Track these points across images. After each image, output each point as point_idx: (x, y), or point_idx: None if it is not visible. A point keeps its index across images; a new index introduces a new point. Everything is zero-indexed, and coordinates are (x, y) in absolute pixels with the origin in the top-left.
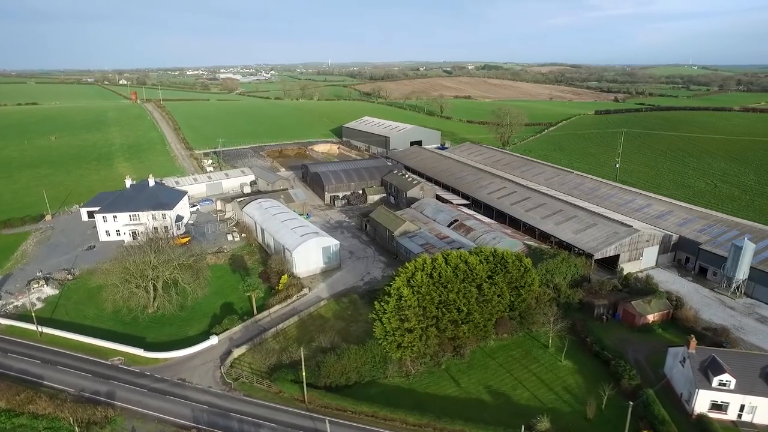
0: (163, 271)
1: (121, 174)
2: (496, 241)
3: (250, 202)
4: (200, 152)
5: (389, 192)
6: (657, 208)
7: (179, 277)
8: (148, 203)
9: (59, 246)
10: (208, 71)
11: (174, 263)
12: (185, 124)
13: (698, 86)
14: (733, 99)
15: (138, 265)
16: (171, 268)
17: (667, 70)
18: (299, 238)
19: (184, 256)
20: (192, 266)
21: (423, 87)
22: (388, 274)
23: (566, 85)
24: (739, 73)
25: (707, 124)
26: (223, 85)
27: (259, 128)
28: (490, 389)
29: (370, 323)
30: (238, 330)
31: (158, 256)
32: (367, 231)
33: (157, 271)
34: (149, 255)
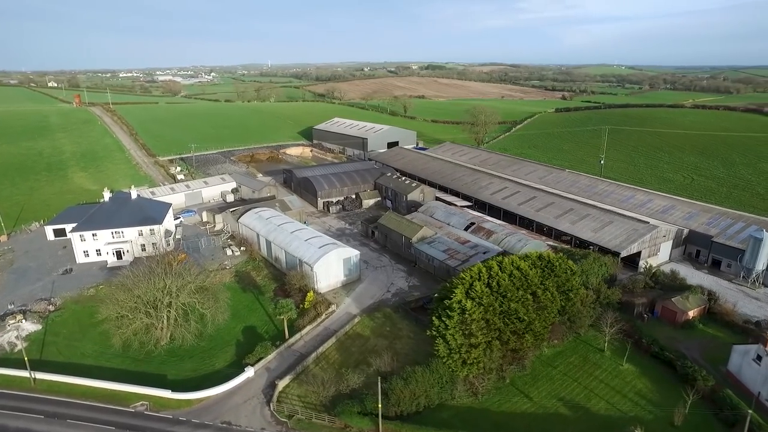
0: (178, 296)
1: (79, 185)
2: (522, 243)
3: (246, 212)
4: (165, 159)
5: (385, 196)
6: (659, 203)
7: (196, 301)
8: (132, 218)
9: (28, 271)
10: (143, 73)
11: (190, 286)
12: (142, 129)
13: (631, 85)
14: (663, 96)
15: (151, 292)
16: (188, 292)
17: (599, 69)
18: (318, 251)
19: (201, 276)
20: (209, 288)
21: (376, 87)
22: (413, 283)
23: (511, 83)
24: (661, 73)
25: (667, 120)
26: (164, 87)
27: (224, 132)
28: (563, 401)
29: (414, 339)
30: (273, 358)
31: (175, 279)
32: (375, 238)
33: (172, 297)
34: (164, 278)
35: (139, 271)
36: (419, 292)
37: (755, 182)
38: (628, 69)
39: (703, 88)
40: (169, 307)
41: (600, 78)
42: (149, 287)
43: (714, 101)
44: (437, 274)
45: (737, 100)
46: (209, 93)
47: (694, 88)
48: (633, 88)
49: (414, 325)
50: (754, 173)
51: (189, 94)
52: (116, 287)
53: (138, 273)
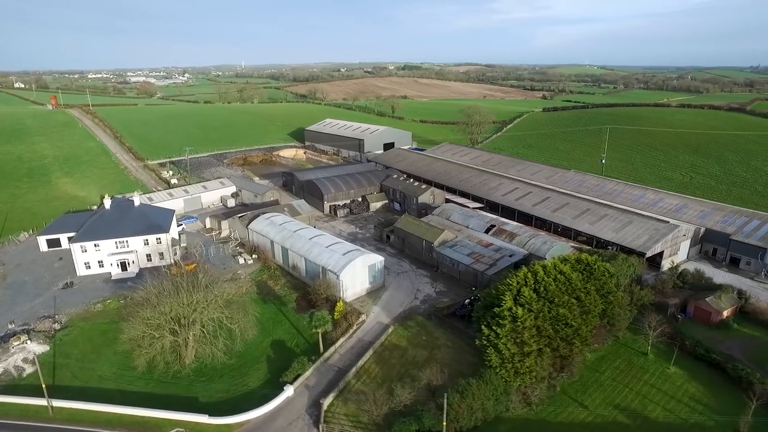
0: (205, 311)
1: (65, 191)
2: (547, 246)
3: (256, 218)
4: (154, 162)
5: (392, 198)
6: (670, 202)
7: (224, 316)
8: (137, 226)
9: (24, 286)
10: (113, 74)
11: (219, 300)
12: (126, 131)
13: (606, 84)
14: (639, 96)
15: (179, 308)
16: (217, 306)
17: (572, 69)
18: (343, 258)
19: (228, 289)
20: (236, 301)
21: (357, 88)
22: (439, 289)
23: (489, 83)
24: (632, 73)
25: (656, 119)
26: (139, 89)
27: (212, 134)
28: (619, 408)
29: (453, 348)
30: (310, 374)
31: (203, 292)
32: (390, 242)
33: (200, 313)
34: (191, 292)
35: (162, 285)
36: (448, 298)
37: (751, 179)
38: (599, 69)
39: (674, 87)
40: (196, 324)
41: (575, 78)
42: (176, 302)
43: (688, 100)
44: (463, 278)
45: (708, 99)
46: (186, 94)
47: (665, 87)
48: (608, 87)
49: (450, 333)
50: (748, 170)
51: (166, 96)
52: (138, 303)
53: (162, 287)
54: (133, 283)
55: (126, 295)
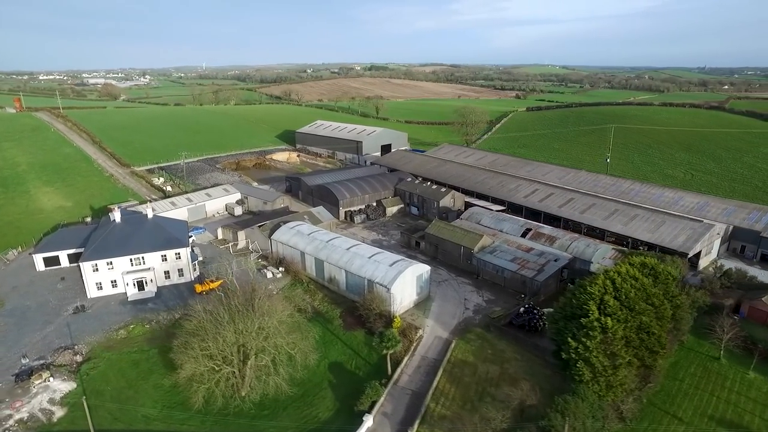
0: (270, 337)
1: (48, 202)
2: (592, 249)
3: (279, 228)
4: (141, 169)
5: (409, 202)
6: (691, 200)
7: (283, 341)
8: (153, 241)
9: (28, 313)
10: (67, 76)
11: (281, 324)
12: (105, 136)
13: (573, 84)
14: (605, 95)
15: (244, 336)
16: (280, 331)
17: (536, 69)
18: (391, 269)
19: (280, 309)
20: (294, 322)
21: (330, 88)
22: (488, 298)
23: (457, 83)
24: (593, 73)
25: (643, 117)
26: (101, 91)
27: (198, 138)
28: (716, 419)
29: (522, 361)
30: (384, 400)
31: (263, 315)
32: (421, 249)
33: (263, 340)
34: (253, 317)
35: (218, 310)
36: (499, 307)
37: (749, 176)
38: (561, 69)
39: (636, 86)
40: (260, 353)
41: (541, 77)
42: (239, 330)
43: (652, 98)
44: (508, 285)
45: (670, 97)
46: (153, 96)
47: (629, 86)
48: (575, 87)
49: (515, 345)
50: (743, 167)
51: (131, 98)
52: (193, 333)
53: (218, 312)
54: (154, 304)
55: (150, 319)
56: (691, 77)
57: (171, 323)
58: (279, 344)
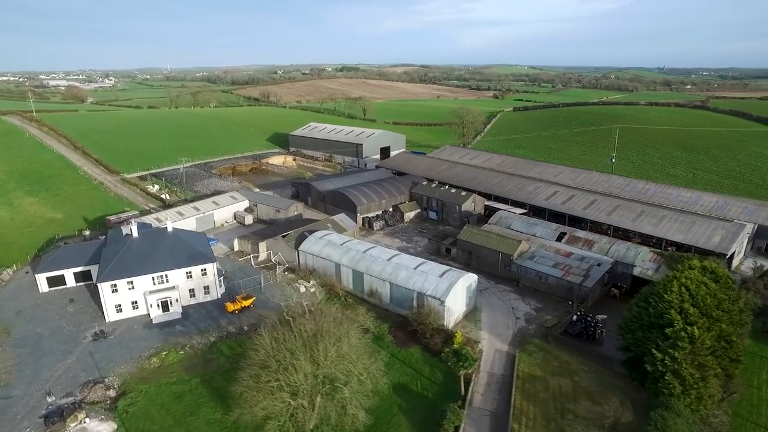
0: (347, 364)
1: (35, 214)
2: (633, 252)
3: (307, 239)
4: (132, 176)
5: (427, 207)
6: (709, 200)
7: (355, 367)
8: (177, 256)
9: (41, 342)
10: (23, 77)
11: (354, 348)
12: (87, 141)
13: (545, 83)
14: (579, 94)
15: (322, 366)
16: (355, 356)
17: (505, 69)
18: (442, 281)
19: (352, 331)
20: (363, 345)
21: (308, 89)
22: (535, 306)
23: (431, 83)
24: (561, 73)
25: (633, 117)
26: (66, 93)
27: (187, 142)
28: None
29: (591, 372)
30: (464, 424)
31: (337, 341)
32: (452, 256)
33: (335, 367)
34: (327, 343)
35: (288, 339)
36: (550, 315)
37: (747, 173)
38: (530, 69)
39: (606, 86)
40: (335, 382)
41: (512, 77)
42: (316, 359)
43: (624, 98)
44: (552, 292)
45: (643, 97)
46: (124, 99)
47: (599, 86)
48: (548, 86)
49: (578, 355)
50: (739, 165)
51: (100, 101)
52: (264, 365)
53: (290, 342)
54: (183, 326)
55: (183, 344)
56: (656, 77)
57: (206, 348)
58: (351, 370)
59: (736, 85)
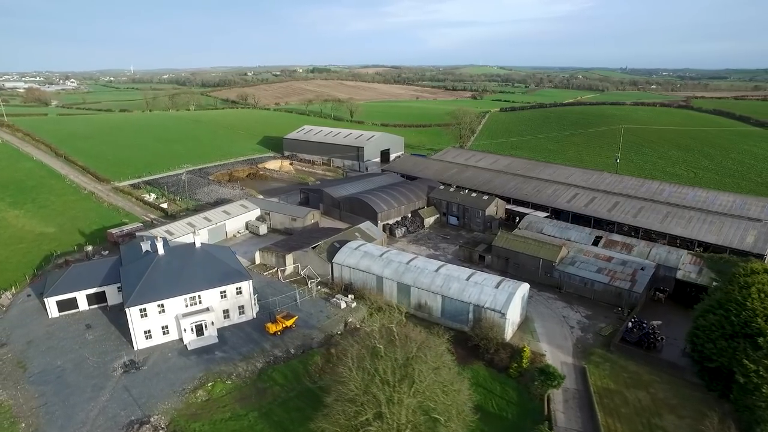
0: (443, 394)
1: (24, 228)
2: (674, 255)
3: (340, 250)
4: (124, 184)
5: (447, 212)
6: (726, 199)
7: (454, 396)
8: (209, 274)
9: (64, 376)
10: None
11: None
12: (69, 148)
13: (519, 83)
14: (553, 94)
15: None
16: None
17: (476, 69)
18: (501, 292)
19: (432, 353)
20: (447, 368)
21: (285, 91)
22: (585, 313)
23: (405, 84)
24: (531, 73)
25: (623, 117)
26: (26, 96)
27: (176, 147)
28: None
29: (664, 383)
30: None
31: (437, 371)
32: (486, 263)
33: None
34: (422, 372)
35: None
36: (604, 324)
37: (744, 171)
38: (499, 69)
39: (577, 86)
40: (431, 411)
41: (485, 77)
42: (418, 390)
43: (595, 98)
44: (598, 298)
45: (615, 96)
46: (92, 102)
47: (570, 86)
48: (521, 86)
49: (646, 365)
50: (734, 163)
51: (66, 104)
52: (352, 400)
53: (382, 372)
54: (223, 352)
55: (228, 372)
56: (622, 77)
57: (255, 375)
58: (453, 401)
59: (697, 85)
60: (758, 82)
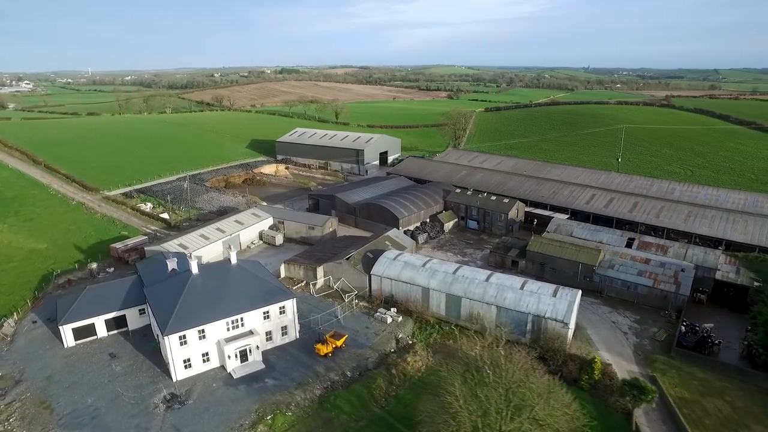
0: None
1: (11, 245)
2: (711, 255)
3: (378, 261)
4: (115, 193)
5: (465, 216)
6: (737, 197)
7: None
8: (249, 294)
9: (100, 416)
10: None
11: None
12: (48, 155)
13: (490, 83)
14: (526, 94)
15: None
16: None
17: (446, 69)
18: (558, 300)
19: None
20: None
21: (261, 93)
22: (633, 318)
23: (378, 84)
24: (498, 73)
25: (611, 116)
26: None
27: (163, 153)
28: None
29: (737, 389)
30: None
31: (548, 397)
32: (520, 268)
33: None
34: (534, 401)
35: (490, 397)
36: (655, 328)
37: (737, 169)
38: (467, 69)
39: (547, 85)
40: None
41: (455, 77)
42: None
43: (572, 97)
44: (642, 302)
45: (585, 96)
46: (54, 105)
47: (540, 85)
48: (493, 86)
49: (711, 371)
50: (725, 161)
51: (26, 107)
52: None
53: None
54: (273, 379)
55: (286, 402)
56: (588, 76)
57: (316, 404)
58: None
59: (658, 84)
60: (712, 81)
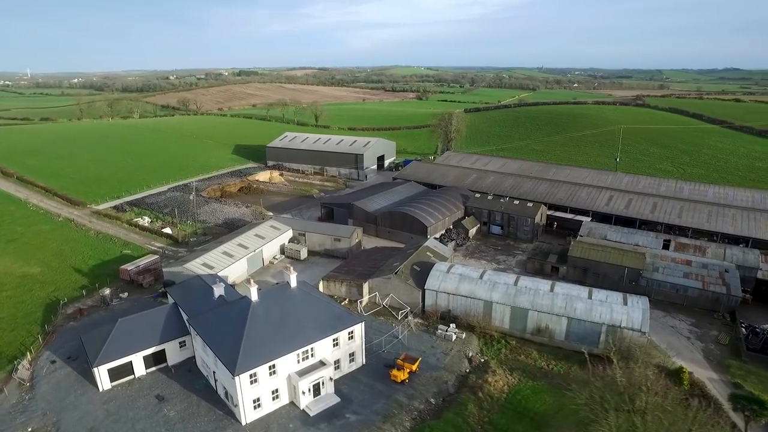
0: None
1: (7, 269)
2: (751, 255)
3: (431, 275)
4: (104, 207)
5: (488, 221)
6: (744, 194)
7: None
8: (318, 321)
9: None
10: None
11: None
12: (19, 165)
13: (455, 84)
14: (491, 94)
15: None
16: None
17: (405, 70)
18: (631, 308)
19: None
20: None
21: (227, 96)
22: (690, 321)
23: (341, 86)
24: (460, 73)
25: (593, 116)
26: None
27: (147, 161)
28: None
29: None
30: None
31: None
32: (561, 274)
33: None
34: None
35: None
36: (714, 331)
37: (722, 166)
38: (426, 69)
39: (509, 85)
40: None
41: (417, 78)
42: None
43: (528, 97)
44: (691, 304)
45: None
46: (6, 109)
47: (502, 85)
48: (456, 87)
49: None
50: (710, 159)
51: None
52: None
53: None
54: (355, 414)
55: None
56: (546, 76)
57: None
58: None
59: (612, 84)
60: (659, 81)
